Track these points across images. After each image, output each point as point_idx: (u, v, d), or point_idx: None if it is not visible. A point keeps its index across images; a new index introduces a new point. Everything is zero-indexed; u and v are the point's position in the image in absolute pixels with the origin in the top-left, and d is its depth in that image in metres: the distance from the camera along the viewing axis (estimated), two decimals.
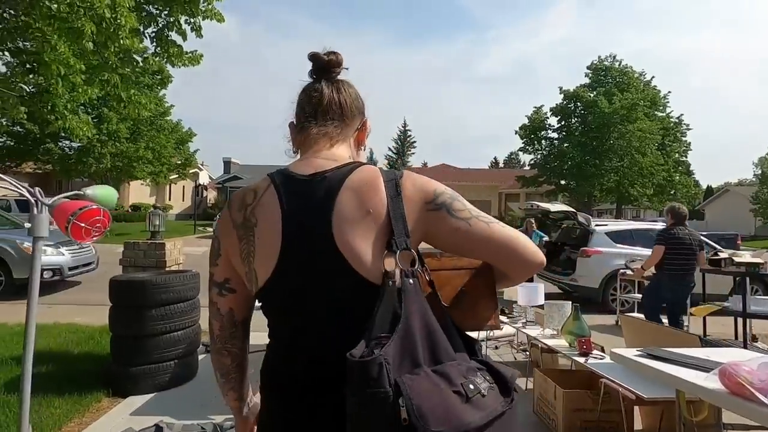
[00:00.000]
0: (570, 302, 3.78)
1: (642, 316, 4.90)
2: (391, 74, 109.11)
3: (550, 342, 3.49)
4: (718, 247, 8.33)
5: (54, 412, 3.01)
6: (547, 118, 24.45)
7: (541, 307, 4.22)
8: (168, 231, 21.41)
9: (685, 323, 4.92)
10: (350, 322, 0.73)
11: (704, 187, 35.67)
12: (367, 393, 0.62)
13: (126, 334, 3.45)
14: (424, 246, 0.83)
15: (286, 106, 0.92)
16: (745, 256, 4.92)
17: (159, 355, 3.44)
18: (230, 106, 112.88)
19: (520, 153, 26.37)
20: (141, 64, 5.46)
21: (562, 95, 23.72)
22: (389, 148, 48.03)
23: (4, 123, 15.51)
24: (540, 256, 0.82)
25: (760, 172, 30.58)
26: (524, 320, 4.21)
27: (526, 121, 24.64)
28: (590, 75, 24.46)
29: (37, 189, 1.79)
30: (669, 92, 24.69)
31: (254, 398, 0.98)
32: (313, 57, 0.88)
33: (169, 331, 3.51)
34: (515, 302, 4.31)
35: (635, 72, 24.28)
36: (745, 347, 4.35)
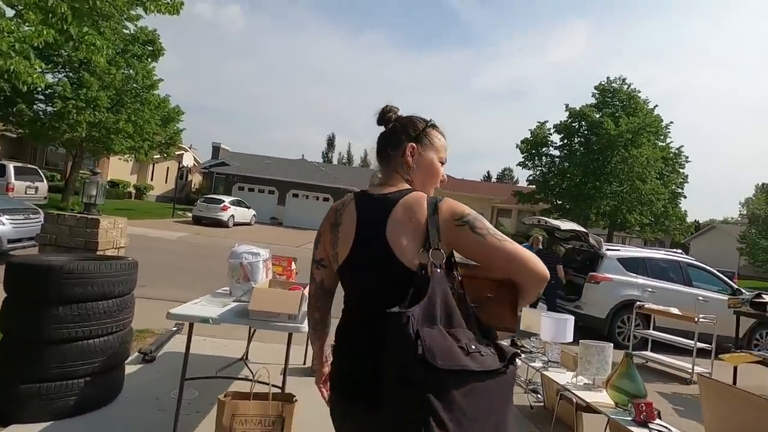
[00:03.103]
0: (611, 344, 2.97)
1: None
2: (384, 79, 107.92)
3: (588, 397, 2.66)
4: (732, 284, 7.69)
5: None
6: (550, 134, 23.87)
7: (569, 344, 3.40)
8: (146, 212, 20.25)
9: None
10: (394, 294, 1.07)
11: (691, 220, 35.48)
12: (397, 334, 0.98)
13: (18, 336, 2.52)
14: (462, 258, 1.16)
15: (276, 95, 0.51)
16: None
17: (61, 370, 2.51)
18: (227, 94, 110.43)
19: (515, 169, 25.74)
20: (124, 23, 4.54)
21: (567, 113, 23.17)
22: None
23: None
24: (545, 271, 1.11)
25: (746, 212, 30.46)
26: (545, 359, 3.38)
27: (527, 135, 24.05)
28: (597, 96, 23.98)
29: None
30: (671, 122, 24.38)
31: (327, 350, 1.39)
32: (381, 113, 1.31)
33: (81, 338, 2.58)
34: (536, 335, 3.47)
35: (641, 98, 23.89)
36: None
